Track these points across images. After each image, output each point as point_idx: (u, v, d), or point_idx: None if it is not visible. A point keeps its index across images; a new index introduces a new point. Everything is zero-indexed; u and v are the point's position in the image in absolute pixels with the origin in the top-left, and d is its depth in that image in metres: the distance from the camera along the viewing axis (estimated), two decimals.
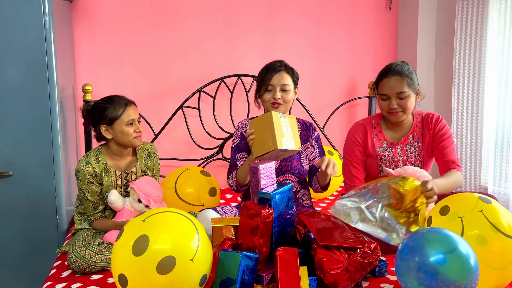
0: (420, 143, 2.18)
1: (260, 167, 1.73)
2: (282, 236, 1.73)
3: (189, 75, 3.16)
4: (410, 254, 1.45)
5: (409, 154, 2.17)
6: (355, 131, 2.22)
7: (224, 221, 1.80)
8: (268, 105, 2.15)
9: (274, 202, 1.66)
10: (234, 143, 2.26)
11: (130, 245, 1.39)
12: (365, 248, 1.63)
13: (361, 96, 3.45)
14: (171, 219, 1.47)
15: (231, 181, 2.18)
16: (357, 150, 2.19)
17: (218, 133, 3.16)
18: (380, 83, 2.11)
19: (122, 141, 2.06)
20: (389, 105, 2.07)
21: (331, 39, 3.47)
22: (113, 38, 3.02)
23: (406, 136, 2.18)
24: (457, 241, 1.43)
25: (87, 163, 2.05)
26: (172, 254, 1.38)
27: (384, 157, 2.17)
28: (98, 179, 2.06)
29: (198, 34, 3.17)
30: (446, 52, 3.33)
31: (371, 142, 2.18)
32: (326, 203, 2.96)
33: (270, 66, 2.16)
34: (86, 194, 2.05)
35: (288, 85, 2.14)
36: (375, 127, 2.21)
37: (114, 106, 2.04)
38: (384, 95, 2.08)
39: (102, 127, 2.05)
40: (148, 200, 2.08)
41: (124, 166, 2.15)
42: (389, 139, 2.19)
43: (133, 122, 2.07)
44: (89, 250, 1.86)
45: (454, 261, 1.39)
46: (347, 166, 2.22)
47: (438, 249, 1.41)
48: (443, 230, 1.49)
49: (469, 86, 3.02)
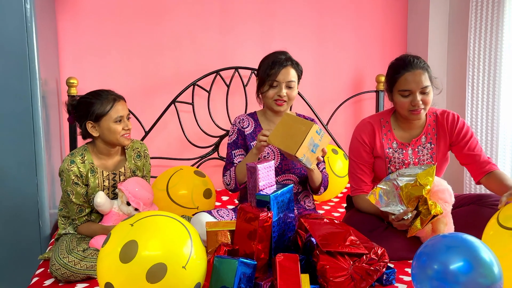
0: (434, 144, 2.15)
1: (259, 167, 1.73)
2: (282, 242, 1.73)
3: (182, 68, 3.16)
4: (428, 261, 1.45)
5: (421, 156, 2.15)
6: (361, 130, 2.19)
7: (219, 225, 1.80)
8: (271, 102, 2.15)
9: (273, 204, 1.66)
10: (231, 139, 2.26)
11: (118, 252, 1.38)
12: (371, 254, 1.63)
13: (368, 90, 3.45)
14: (162, 223, 1.46)
15: (228, 178, 2.17)
16: (364, 151, 2.17)
17: (213, 130, 3.15)
18: (400, 77, 2.03)
19: (109, 139, 2.06)
20: (413, 101, 2.01)
21: (335, 28, 3.46)
22: (100, 28, 3.01)
23: (418, 136, 2.16)
24: (479, 248, 1.43)
25: (71, 162, 2.05)
26: (163, 261, 1.37)
27: (394, 159, 2.14)
28: (83, 180, 2.06)
29: (191, 23, 3.16)
30: (459, 42, 3.32)
31: (380, 143, 2.16)
32: (330, 205, 2.96)
33: (276, 60, 2.14)
34: (70, 196, 2.04)
35: (294, 81, 2.14)
36: (384, 126, 2.18)
37: (102, 101, 2.03)
38: (407, 91, 2.02)
39: (88, 123, 2.05)
40: (137, 203, 2.08)
41: (111, 166, 2.15)
42: (400, 139, 2.16)
43: (122, 119, 2.06)
44: (73, 256, 1.86)
45: (476, 269, 1.39)
46: (353, 168, 2.21)
47: (459, 256, 1.41)
48: (463, 236, 1.49)
49: (484, 78, 3.02)
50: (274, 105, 2.15)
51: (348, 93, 3.51)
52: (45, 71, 2.52)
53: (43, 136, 2.38)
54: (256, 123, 2.27)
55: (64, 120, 2.92)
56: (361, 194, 2.18)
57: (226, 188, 2.20)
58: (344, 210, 2.69)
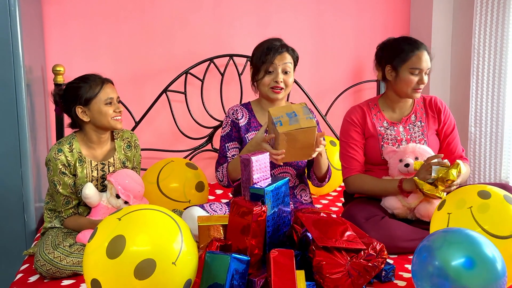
0: (424, 123, 2.29)
1: (253, 159, 1.72)
2: (277, 237, 1.74)
3: (173, 55, 3.14)
4: (429, 257, 1.46)
5: (413, 133, 2.27)
6: (351, 112, 2.32)
7: (212, 220, 1.81)
8: (267, 89, 2.15)
9: (267, 198, 1.66)
10: (224, 131, 2.25)
11: (104, 247, 1.39)
12: (369, 250, 1.64)
13: (369, 80, 3.44)
14: (150, 217, 1.46)
15: (220, 174, 2.17)
16: (354, 131, 2.27)
17: (207, 120, 3.15)
18: (414, 56, 2.17)
19: (101, 123, 2.06)
20: (420, 80, 2.17)
21: (334, 14, 3.45)
22: (87, 14, 2.99)
23: (408, 115, 2.30)
24: (482, 243, 1.44)
25: (59, 151, 2.04)
26: (152, 256, 1.37)
27: (387, 135, 2.25)
28: (71, 170, 2.06)
29: (183, 8, 3.14)
30: (464, 30, 3.31)
31: (371, 122, 2.27)
32: (328, 199, 2.96)
33: (271, 46, 2.15)
34: (57, 186, 2.04)
35: (290, 67, 2.15)
36: (373, 108, 2.31)
37: (90, 84, 2.05)
38: (417, 69, 2.17)
39: (78, 108, 2.05)
40: (127, 196, 2.08)
41: (100, 155, 2.15)
42: (390, 119, 2.29)
43: (112, 101, 2.07)
44: (59, 252, 1.86)
45: (478, 266, 1.40)
46: (344, 148, 2.28)
47: (460, 253, 1.42)
48: (465, 231, 1.50)
49: (489, 68, 3.02)
50: (271, 93, 2.14)
51: (348, 82, 3.50)
52: (30, 58, 2.50)
53: (28, 126, 2.37)
54: (251, 113, 2.27)
55: (51, 110, 2.91)
56: (356, 173, 2.23)
57: (220, 184, 2.20)
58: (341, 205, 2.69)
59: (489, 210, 1.65)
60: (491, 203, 1.67)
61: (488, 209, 1.66)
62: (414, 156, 2.15)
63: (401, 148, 2.20)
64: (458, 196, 1.77)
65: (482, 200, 1.68)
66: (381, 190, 2.17)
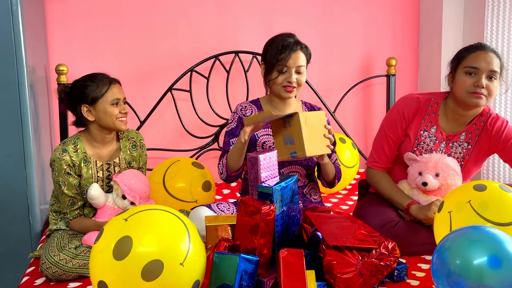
0: (471, 145, 2.13)
1: (260, 157, 1.72)
2: (286, 236, 1.73)
3: (178, 53, 3.14)
4: (449, 256, 1.45)
5: (453, 153, 2.14)
6: (406, 104, 2.16)
7: (219, 220, 1.81)
8: (280, 88, 2.14)
9: (276, 197, 1.66)
10: (229, 127, 2.25)
11: (111, 248, 1.39)
12: (381, 249, 1.63)
13: (378, 75, 3.43)
14: (157, 218, 1.47)
15: (221, 167, 2.17)
16: (400, 126, 2.16)
17: (213, 119, 3.15)
18: (470, 54, 2.01)
19: (105, 123, 2.07)
20: (477, 82, 1.96)
21: (341, 7, 3.43)
22: (90, 12, 3.00)
23: (459, 132, 2.13)
24: (504, 241, 1.43)
25: (64, 151, 2.05)
26: (159, 257, 1.38)
27: (423, 144, 2.13)
28: (76, 170, 2.07)
29: (187, 4, 3.14)
30: (476, 21, 3.28)
31: (418, 122, 2.14)
32: (338, 198, 2.96)
33: (285, 44, 2.12)
34: (62, 187, 2.05)
35: (303, 66, 2.14)
36: (432, 106, 2.14)
37: (97, 83, 2.06)
38: (474, 68, 1.98)
39: (84, 107, 2.06)
40: (133, 196, 2.09)
41: (106, 155, 2.16)
42: (441, 126, 2.14)
43: (118, 102, 2.09)
44: (64, 254, 1.87)
45: (504, 264, 1.40)
46: (381, 138, 2.20)
47: (483, 251, 1.42)
48: (486, 228, 1.50)
49: None
50: (283, 91, 2.14)
51: (357, 78, 3.49)
52: (33, 58, 2.51)
53: (32, 127, 2.38)
54: (260, 110, 2.26)
55: (55, 110, 2.92)
56: (380, 169, 2.19)
57: (220, 177, 2.21)
58: (353, 203, 2.69)
59: (488, 201, 1.70)
60: (488, 194, 1.72)
61: (487, 200, 1.70)
62: (435, 171, 2.04)
63: (423, 158, 2.07)
64: (455, 194, 1.81)
65: (479, 193, 1.73)
66: (391, 199, 2.13)
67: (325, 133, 1.97)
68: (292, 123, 1.92)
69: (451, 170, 2.04)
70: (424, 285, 1.74)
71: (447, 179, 2.04)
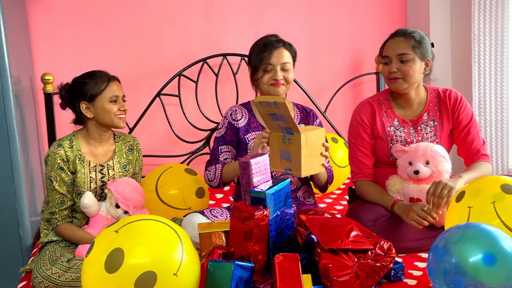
0: (437, 122, 2.19)
1: (252, 162, 1.71)
2: (281, 241, 1.72)
3: (165, 57, 3.13)
4: (446, 254, 1.45)
5: (424, 134, 2.19)
6: (360, 110, 2.24)
7: (213, 227, 1.80)
8: (268, 87, 2.13)
9: (269, 201, 1.65)
10: (219, 133, 2.24)
11: (103, 261, 1.38)
12: (377, 250, 1.62)
13: (368, 73, 3.43)
14: (149, 228, 1.46)
15: (211, 174, 2.16)
16: (364, 132, 2.21)
17: (203, 123, 3.13)
18: (384, 47, 2.17)
19: (103, 120, 2.08)
20: (389, 68, 2.11)
21: (329, 6, 3.44)
22: (74, 19, 2.98)
23: (420, 114, 2.20)
24: (500, 238, 1.43)
25: (59, 146, 2.06)
26: (152, 269, 1.36)
27: (396, 137, 2.18)
28: (70, 166, 2.06)
29: (173, 8, 3.13)
30: (463, 14, 3.29)
31: (380, 122, 2.20)
32: (332, 198, 2.95)
33: (266, 42, 2.14)
34: (53, 182, 2.04)
35: (289, 62, 2.14)
36: (384, 104, 2.23)
37: (96, 80, 2.08)
38: (386, 57, 2.13)
39: (82, 104, 2.08)
40: (127, 205, 2.07)
41: (101, 155, 2.15)
42: (401, 116, 2.22)
43: (117, 99, 2.10)
44: (57, 268, 1.84)
45: (499, 262, 1.40)
46: (353, 151, 2.24)
47: (479, 248, 1.41)
48: (481, 225, 1.50)
49: (491, 53, 3.00)
50: (271, 88, 2.13)
51: (346, 76, 3.49)
52: (17, 68, 2.49)
53: (19, 138, 2.36)
54: (250, 114, 2.25)
55: (42, 120, 2.90)
56: (363, 179, 2.21)
57: (208, 183, 2.20)
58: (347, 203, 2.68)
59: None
60: None
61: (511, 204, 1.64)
62: (424, 159, 2.07)
63: (411, 148, 2.11)
64: (479, 188, 1.73)
65: (506, 195, 1.66)
66: (378, 203, 2.13)
67: (322, 151, 1.93)
68: (292, 141, 1.87)
69: (440, 156, 2.08)
70: (421, 284, 1.74)
71: (437, 166, 2.07)
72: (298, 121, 2.26)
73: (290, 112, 2.25)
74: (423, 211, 1.91)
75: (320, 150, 1.93)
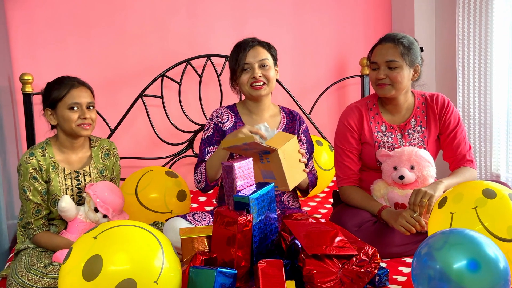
0: (424, 127, 2.19)
1: (236, 166, 1.69)
2: (264, 246, 1.71)
3: (148, 58, 3.10)
4: (430, 260, 1.44)
5: (412, 140, 2.18)
6: (348, 114, 2.23)
7: (195, 232, 1.77)
8: (248, 88, 2.11)
9: (253, 206, 1.63)
10: (205, 134, 2.22)
11: (80, 268, 1.36)
12: (361, 255, 1.62)
13: (352, 75, 3.43)
14: (128, 234, 1.44)
15: (198, 176, 2.13)
16: (351, 136, 2.20)
17: (186, 125, 3.10)
18: (373, 52, 2.16)
19: (64, 128, 2.04)
20: (377, 75, 2.11)
21: (313, 9, 3.43)
22: (55, 18, 2.93)
23: (407, 120, 2.20)
24: (483, 243, 1.44)
25: (31, 154, 2.01)
26: (132, 276, 1.35)
27: (383, 143, 2.18)
28: (43, 175, 2.02)
29: (156, 8, 3.09)
30: (447, 19, 3.32)
31: (368, 127, 2.19)
32: (316, 201, 2.94)
33: (241, 43, 2.15)
34: (27, 193, 1.99)
35: (267, 59, 2.12)
36: (371, 109, 2.23)
37: (59, 86, 2.04)
38: (374, 63, 2.13)
39: (47, 110, 2.05)
40: (106, 209, 2.04)
41: (75, 162, 2.11)
42: (388, 121, 2.22)
43: (78, 106, 2.02)
44: (33, 274, 1.80)
45: (483, 268, 1.40)
46: (339, 155, 2.23)
47: (463, 255, 1.41)
48: (465, 231, 1.50)
49: (475, 58, 3.02)
50: (252, 90, 2.11)
51: (331, 79, 3.49)
52: None
53: None
54: (236, 116, 2.23)
55: (21, 121, 2.85)
56: (349, 184, 2.20)
57: (197, 187, 2.17)
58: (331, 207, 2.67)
59: (496, 212, 1.64)
60: (497, 204, 1.66)
61: (494, 210, 1.64)
62: (409, 164, 2.06)
63: (396, 152, 2.10)
64: (461, 194, 1.74)
65: (488, 200, 1.67)
66: (364, 208, 2.13)
67: (300, 158, 1.95)
68: (270, 160, 1.86)
69: (425, 161, 2.08)
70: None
71: (422, 171, 2.07)
72: (284, 125, 2.24)
73: (276, 117, 2.24)
74: (412, 218, 1.90)
75: (297, 158, 1.94)
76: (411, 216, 1.91)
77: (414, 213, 1.92)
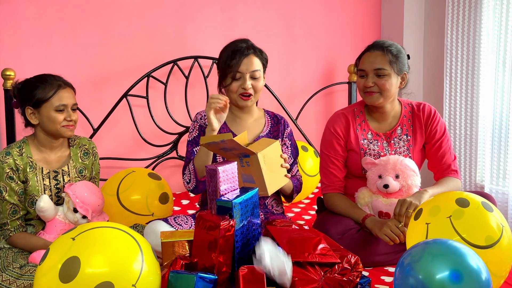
0: (410, 136, 2.21)
1: (219, 169, 1.67)
2: (246, 252, 1.69)
3: (134, 57, 3.08)
4: (412, 270, 1.44)
5: (397, 148, 2.20)
6: (334, 121, 2.24)
7: (176, 235, 1.76)
8: (236, 97, 2.11)
9: (236, 211, 1.62)
10: (191, 136, 2.21)
11: (57, 270, 1.34)
12: (344, 264, 1.61)
13: (340, 82, 3.45)
14: (107, 236, 1.42)
15: (187, 176, 2.11)
16: (337, 143, 2.21)
17: (171, 126, 3.09)
18: (361, 59, 2.17)
19: (48, 128, 2.01)
20: (365, 82, 2.11)
21: (303, 14, 3.45)
22: (39, 13, 2.89)
23: (393, 128, 2.22)
24: (466, 254, 1.45)
25: (7, 154, 1.99)
26: (110, 279, 1.33)
27: (369, 150, 2.19)
28: (20, 175, 1.99)
29: (144, 7, 3.08)
30: (436, 29, 3.35)
31: (354, 134, 2.20)
32: (300, 207, 2.94)
33: (236, 49, 2.11)
34: (3, 193, 1.97)
35: (259, 70, 2.12)
36: (358, 116, 2.24)
37: (45, 86, 2.00)
38: (362, 71, 2.14)
39: (28, 109, 2.01)
40: (86, 210, 2.03)
41: (54, 162, 2.09)
42: (375, 129, 2.23)
43: (65, 108, 2.01)
44: (8, 274, 1.78)
45: (465, 279, 1.40)
46: (325, 162, 2.23)
47: (446, 265, 1.42)
48: (448, 242, 1.51)
49: (462, 68, 3.06)
50: (240, 100, 2.11)
51: (319, 85, 3.50)
52: None
53: None
54: None
55: (1, 116, 2.80)
56: (334, 191, 2.20)
57: (187, 188, 2.14)
58: (315, 213, 2.68)
59: (469, 220, 1.66)
60: (470, 213, 1.67)
61: (467, 219, 1.66)
62: (394, 173, 2.07)
63: (381, 161, 2.11)
64: (435, 205, 1.76)
65: (461, 209, 1.69)
66: (348, 216, 2.13)
67: (282, 163, 1.93)
68: (250, 163, 1.85)
69: (410, 170, 2.09)
70: None
71: (407, 180, 2.08)
72: (269, 128, 2.24)
73: (260, 120, 2.23)
74: (397, 228, 1.91)
75: (279, 163, 1.93)
76: (396, 226, 1.92)
77: (399, 223, 1.92)
